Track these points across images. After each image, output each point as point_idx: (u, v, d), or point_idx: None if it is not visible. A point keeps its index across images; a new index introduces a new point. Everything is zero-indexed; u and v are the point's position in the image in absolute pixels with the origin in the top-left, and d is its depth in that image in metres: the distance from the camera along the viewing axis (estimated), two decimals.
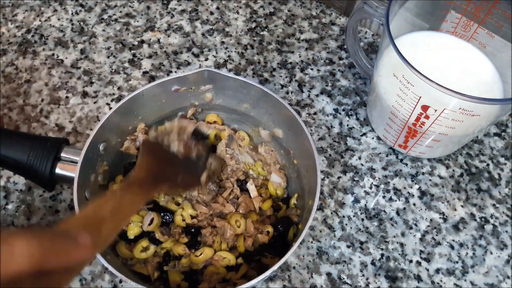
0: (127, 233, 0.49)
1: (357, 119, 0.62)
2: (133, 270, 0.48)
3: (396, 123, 0.53)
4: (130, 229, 0.49)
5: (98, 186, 0.50)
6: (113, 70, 0.65)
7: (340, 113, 0.62)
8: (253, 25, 0.70)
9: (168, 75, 0.65)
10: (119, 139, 0.52)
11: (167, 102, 0.53)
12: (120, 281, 0.51)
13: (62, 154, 0.48)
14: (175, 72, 0.65)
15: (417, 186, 0.57)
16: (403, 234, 0.54)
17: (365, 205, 0.56)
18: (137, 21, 0.70)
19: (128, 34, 0.69)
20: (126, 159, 0.54)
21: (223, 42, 0.68)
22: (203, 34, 0.69)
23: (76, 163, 0.46)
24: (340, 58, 0.67)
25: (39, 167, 0.46)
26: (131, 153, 0.53)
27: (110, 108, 0.50)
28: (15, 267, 0.24)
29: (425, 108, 0.47)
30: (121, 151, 0.53)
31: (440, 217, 0.56)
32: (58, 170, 0.47)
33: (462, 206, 0.56)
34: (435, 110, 0.47)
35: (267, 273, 0.41)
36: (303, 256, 0.53)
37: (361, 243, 0.54)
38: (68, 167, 0.47)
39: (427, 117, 0.48)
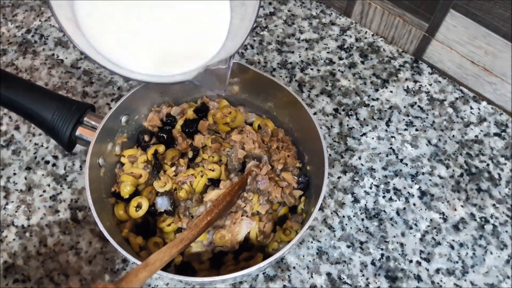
0: (120, 193, 0.51)
1: (357, 119, 0.62)
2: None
3: None
4: (123, 189, 0.50)
5: (114, 156, 0.52)
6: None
7: (340, 113, 0.62)
8: (253, 25, 0.70)
9: None
10: (142, 114, 0.54)
11: (194, 87, 0.55)
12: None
13: (85, 119, 0.50)
14: None
15: (417, 186, 0.57)
16: (403, 234, 0.54)
17: (365, 205, 0.56)
18: None
19: None
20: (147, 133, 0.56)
21: None
22: None
23: (96, 129, 0.48)
24: (340, 58, 0.67)
25: (61, 127, 0.49)
26: (152, 131, 0.54)
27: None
28: None
29: None
30: (144, 126, 0.55)
31: (440, 217, 0.56)
32: (77, 133, 0.50)
33: (462, 206, 0.56)
34: None
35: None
36: (303, 256, 0.53)
37: (361, 243, 0.54)
38: (88, 132, 0.50)
39: None
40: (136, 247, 0.48)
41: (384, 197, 0.57)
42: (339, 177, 0.58)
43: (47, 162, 0.58)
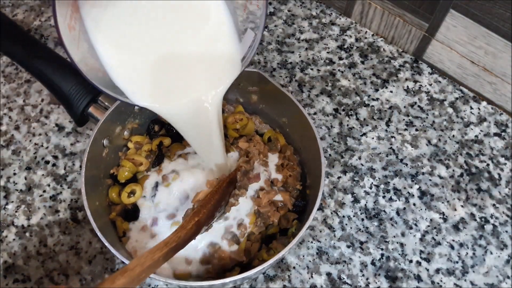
0: (117, 177, 0.51)
1: (357, 119, 0.62)
2: None
3: None
4: (122, 173, 0.51)
5: (121, 139, 0.53)
6: None
7: (340, 113, 0.62)
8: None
9: None
10: None
11: None
12: None
13: (100, 98, 0.52)
14: None
15: (417, 186, 0.57)
16: (403, 234, 0.54)
17: (365, 205, 0.56)
18: None
19: None
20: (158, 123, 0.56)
21: None
22: None
23: (108, 109, 0.50)
24: (340, 58, 0.67)
25: (75, 101, 0.51)
26: (164, 122, 0.55)
27: None
28: None
29: None
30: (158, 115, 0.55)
31: (440, 217, 0.56)
32: (90, 110, 0.51)
33: (462, 206, 0.56)
34: None
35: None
36: (303, 256, 0.53)
37: (361, 243, 0.54)
38: (99, 111, 0.51)
39: None
40: (121, 231, 0.49)
41: (384, 197, 0.57)
42: (339, 177, 0.58)
43: (47, 162, 0.58)
